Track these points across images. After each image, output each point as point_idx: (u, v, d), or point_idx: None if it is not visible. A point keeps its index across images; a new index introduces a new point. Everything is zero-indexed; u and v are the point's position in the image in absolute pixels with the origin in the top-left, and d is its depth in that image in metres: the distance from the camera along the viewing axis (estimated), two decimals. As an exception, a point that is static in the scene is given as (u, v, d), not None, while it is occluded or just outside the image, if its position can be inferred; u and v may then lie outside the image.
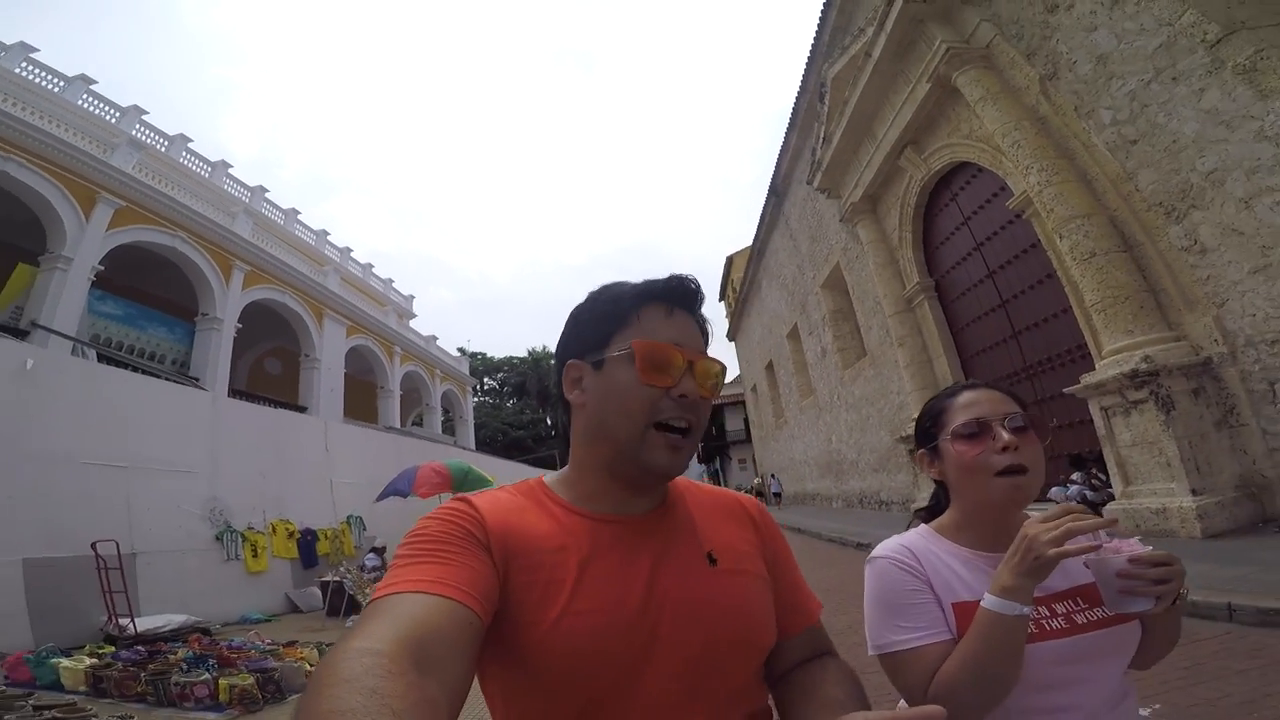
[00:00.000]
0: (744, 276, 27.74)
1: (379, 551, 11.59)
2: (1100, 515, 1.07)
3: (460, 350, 38.91)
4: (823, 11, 13.16)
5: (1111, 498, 7.11)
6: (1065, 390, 7.53)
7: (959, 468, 1.03)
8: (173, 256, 14.51)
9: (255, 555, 9.48)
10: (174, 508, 8.35)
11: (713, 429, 43.02)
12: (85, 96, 14.38)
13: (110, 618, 6.99)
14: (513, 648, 0.71)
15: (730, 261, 33.07)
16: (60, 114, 12.88)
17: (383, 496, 11.67)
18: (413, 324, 28.21)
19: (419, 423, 28.99)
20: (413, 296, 29.77)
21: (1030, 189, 7.95)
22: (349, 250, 24.79)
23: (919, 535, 1.08)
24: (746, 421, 38.42)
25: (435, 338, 28.80)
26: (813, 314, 19.28)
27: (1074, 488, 7.68)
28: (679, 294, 0.84)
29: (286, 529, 10.26)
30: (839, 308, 17.27)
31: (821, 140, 13.16)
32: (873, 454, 15.75)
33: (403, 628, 0.55)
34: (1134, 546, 0.87)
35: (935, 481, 1.14)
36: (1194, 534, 5.77)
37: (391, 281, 27.92)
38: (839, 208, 13.98)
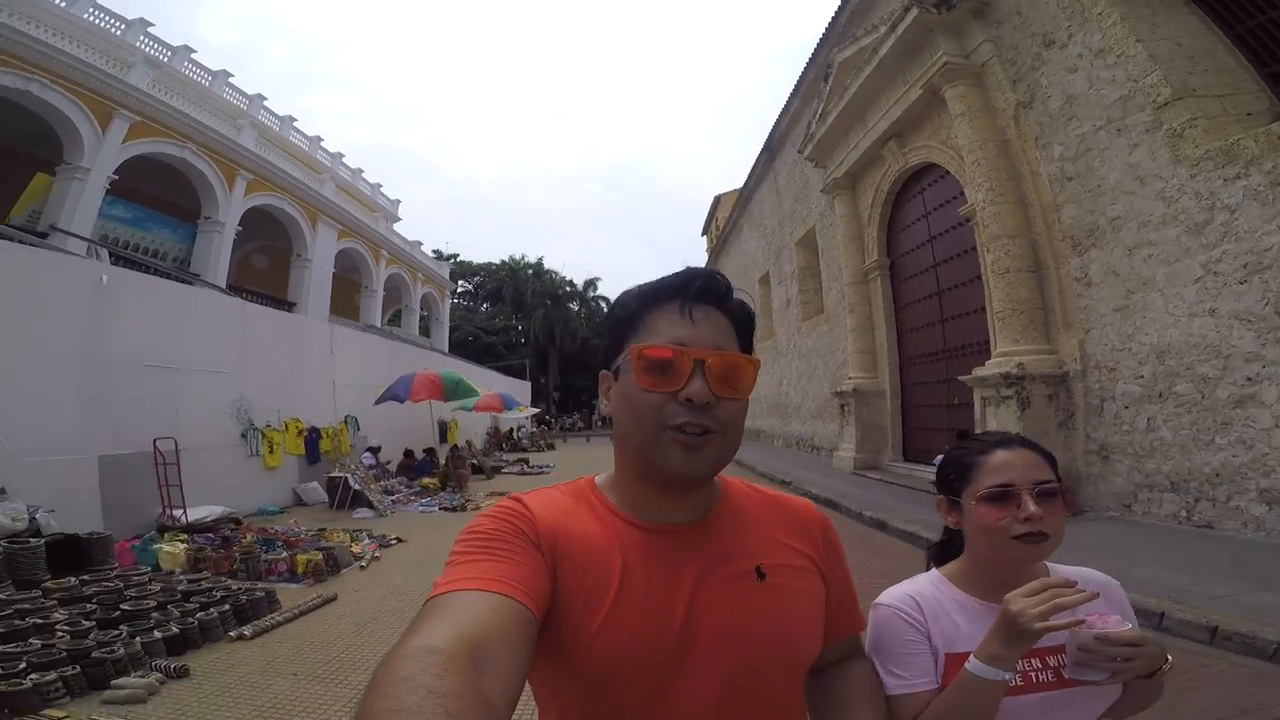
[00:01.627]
0: (729, 218, 28.81)
1: (374, 451, 13.10)
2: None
3: (437, 253, 39.31)
4: (845, -4, 13.67)
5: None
6: (960, 377, 9.17)
7: (978, 528, 1.04)
8: (180, 166, 15.49)
9: (271, 451, 10.81)
10: (210, 407, 9.47)
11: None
12: (91, 9, 14.71)
13: (164, 509, 8.06)
14: (556, 649, 0.72)
15: (718, 201, 34.00)
16: (78, 33, 13.47)
17: (382, 400, 13.08)
18: (396, 227, 28.82)
19: (395, 321, 30.09)
20: (399, 201, 30.21)
21: (977, 203, 9.19)
22: (340, 155, 25.23)
23: (930, 583, 1.10)
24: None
25: (420, 243, 29.59)
26: (784, 266, 20.69)
27: (954, 459, 9.48)
28: (688, 289, 0.80)
29: (297, 427, 11.58)
30: (808, 265, 18.64)
31: (818, 116, 14.03)
32: (814, 402, 17.62)
33: (462, 626, 0.56)
34: (1110, 623, 0.89)
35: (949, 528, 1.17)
36: None
37: (380, 186, 28.35)
38: (823, 178, 15.01)
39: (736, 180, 26.97)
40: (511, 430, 26.52)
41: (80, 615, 4.30)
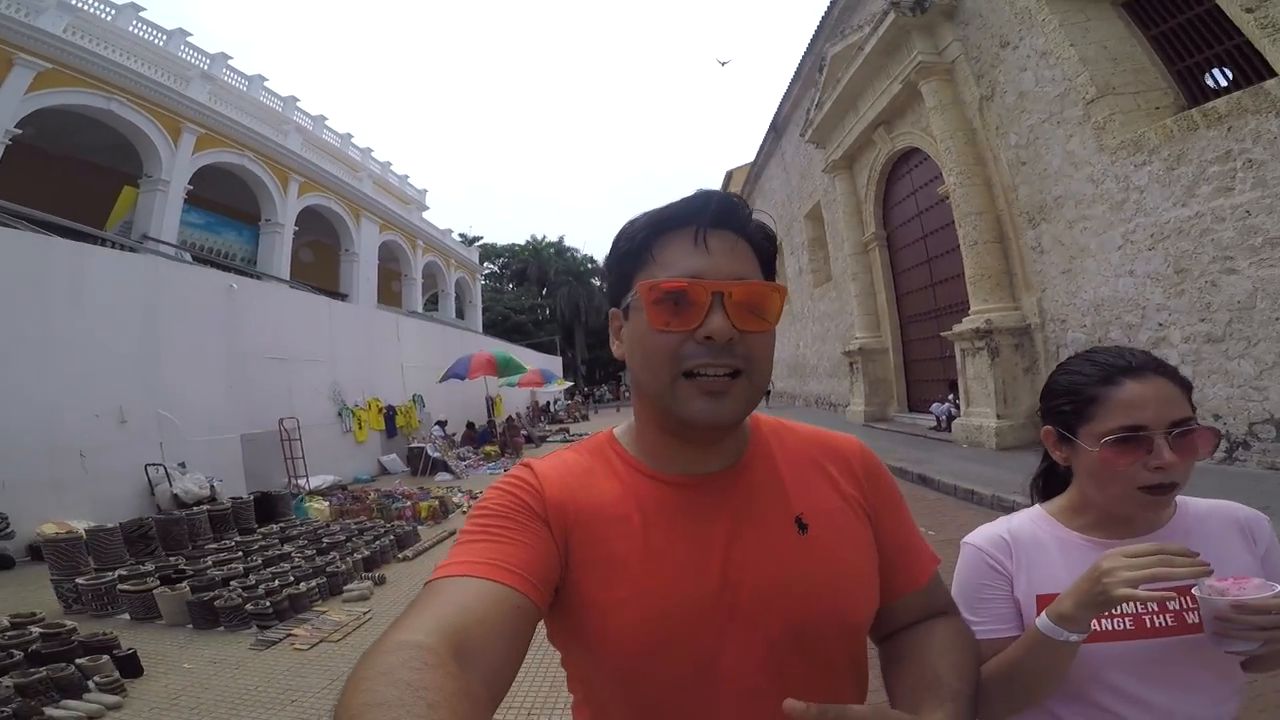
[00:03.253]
0: (741, 192, 30.12)
1: (442, 425, 15.06)
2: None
3: (462, 236, 41.13)
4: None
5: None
6: (942, 334, 10.75)
7: (1096, 474, 0.92)
8: (240, 173, 17.17)
9: (360, 427, 12.78)
10: (313, 391, 11.37)
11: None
12: (135, 22, 15.70)
13: (290, 478, 9.93)
14: (577, 628, 0.69)
15: (729, 175, 35.25)
16: (140, 51, 14.76)
17: (445, 378, 14.95)
18: (426, 215, 30.63)
19: (432, 305, 32.08)
20: (425, 190, 31.93)
21: (951, 185, 10.67)
22: (370, 150, 26.80)
23: (1030, 521, 1.01)
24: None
25: (450, 230, 31.49)
26: (795, 237, 22.19)
27: (944, 405, 11.09)
28: (702, 214, 0.71)
29: (377, 406, 13.52)
30: (816, 236, 20.10)
31: (816, 104, 15.45)
32: (829, 362, 19.24)
33: (446, 617, 0.54)
34: (1250, 587, 0.77)
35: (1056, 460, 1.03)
36: (991, 446, 9.19)
37: (407, 177, 30.07)
38: (825, 158, 16.41)
39: (745, 155, 28.19)
40: (549, 404, 28.51)
41: (299, 548, 6.15)
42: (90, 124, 13.73)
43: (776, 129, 22.14)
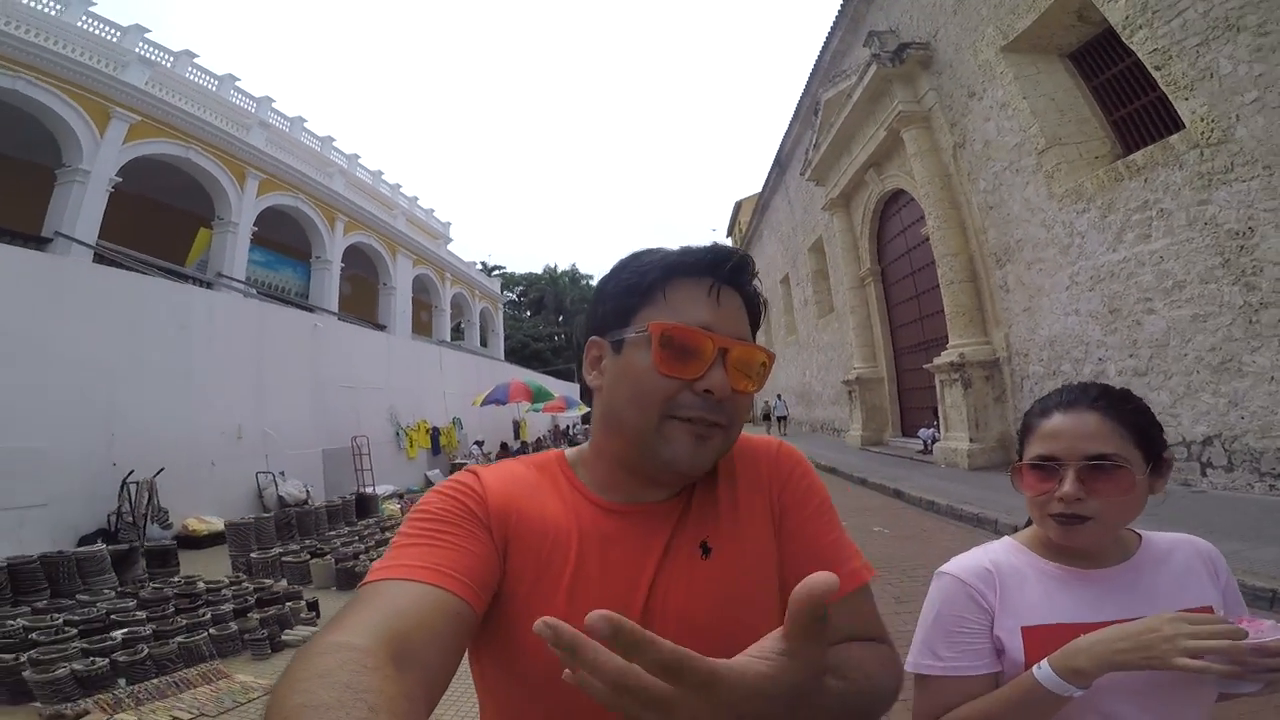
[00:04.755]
0: (750, 223, 32.09)
1: (479, 444, 16.72)
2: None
3: (483, 264, 43.20)
4: (826, 39, 16.48)
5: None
6: (924, 366, 12.21)
7: (1026, 498, 0.98)
8: (295, 215, 18.78)
9: (411, 445, 14.46)
10: (376, 414, 13.21)
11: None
12: (191, 69, 16.70)
13: (358, 487, 11.53)
14: (496, 638, 0.70)
15: (739, 205, 37.21)
16: (204, 100, 16.04)
17: (486, 402, 16.57)
18: (450, 246, 32.51)
19: (457, 333, 33.86)
20: (450, 223, 33.91)
21: (930, 228, 12.15)
22: (399, 186, 28.73)
23: (1005, 550, 1.01)
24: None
25: (475, 263, 33.41)
26: (800, 269, 23.70)
27: (930, 431, 12.51)
28: (720, 268, 0.74)
29: (425, 427, 15.23)
30: (819, 268, 21.61)
31: (814, 145, 16.96)
32: (832, 390, 20.65)
33: (385, 619, 0.54)
34: (1265, 629, 0.78)
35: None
36: (964, 466, 10.46)
37: (433, 211, 32.09)
38: (824, 196, 17.84)
39: (752, 185, 29.89)
40: (568, 428, 30.10)
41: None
42: (167, 169, 14.88)
43: (780, 164, 23.65)
